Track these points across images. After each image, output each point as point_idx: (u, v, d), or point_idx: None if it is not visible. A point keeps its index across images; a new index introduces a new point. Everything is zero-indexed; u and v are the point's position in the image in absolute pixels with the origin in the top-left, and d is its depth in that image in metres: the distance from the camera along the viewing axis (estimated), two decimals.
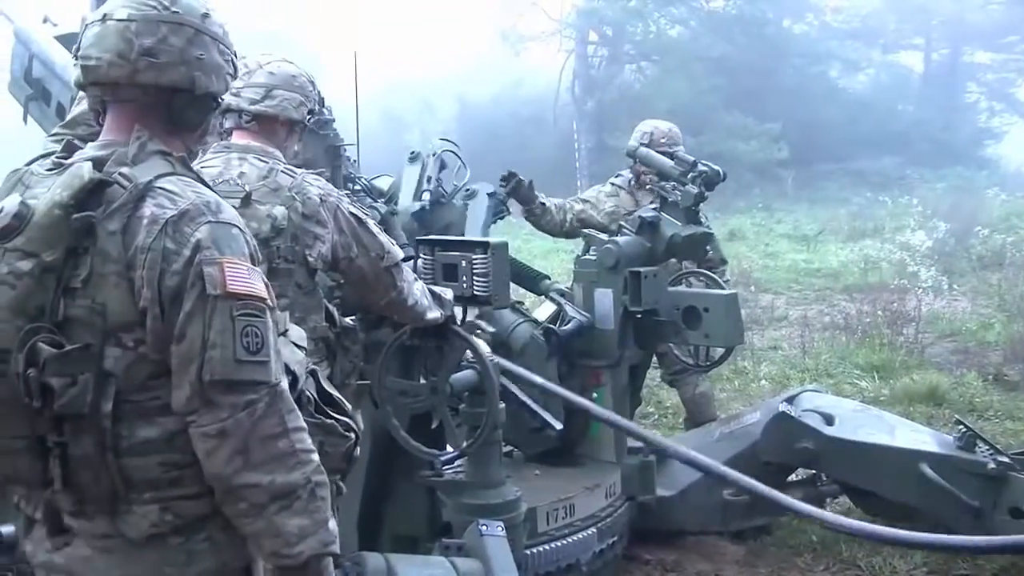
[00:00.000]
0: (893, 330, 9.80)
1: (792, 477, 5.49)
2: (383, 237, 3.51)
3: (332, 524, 2.09)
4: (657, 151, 5.79)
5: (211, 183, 3.34)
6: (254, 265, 2.10)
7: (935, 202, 19.68)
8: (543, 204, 6.05)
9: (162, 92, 2.16)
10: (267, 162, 3.41)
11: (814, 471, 5.34)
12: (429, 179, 5.14)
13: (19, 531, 2.62)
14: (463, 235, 5.00)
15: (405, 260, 3.66)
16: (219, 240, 2.03)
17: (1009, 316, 10.02)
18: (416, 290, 3.61)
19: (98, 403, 1.98)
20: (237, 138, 3.51)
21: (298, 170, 3.47)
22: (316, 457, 2.08)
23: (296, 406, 2.09)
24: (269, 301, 2.09)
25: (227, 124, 3.53)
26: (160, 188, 2.05)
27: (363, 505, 4.21)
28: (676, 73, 28.74)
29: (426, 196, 5.05)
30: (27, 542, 2.19)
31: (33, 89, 5.67)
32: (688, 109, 27.13)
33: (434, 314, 3.72)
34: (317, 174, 3.56)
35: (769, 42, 30.81)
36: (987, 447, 4.97)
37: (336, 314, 3.51)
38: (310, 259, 3.32)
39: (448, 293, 3.82)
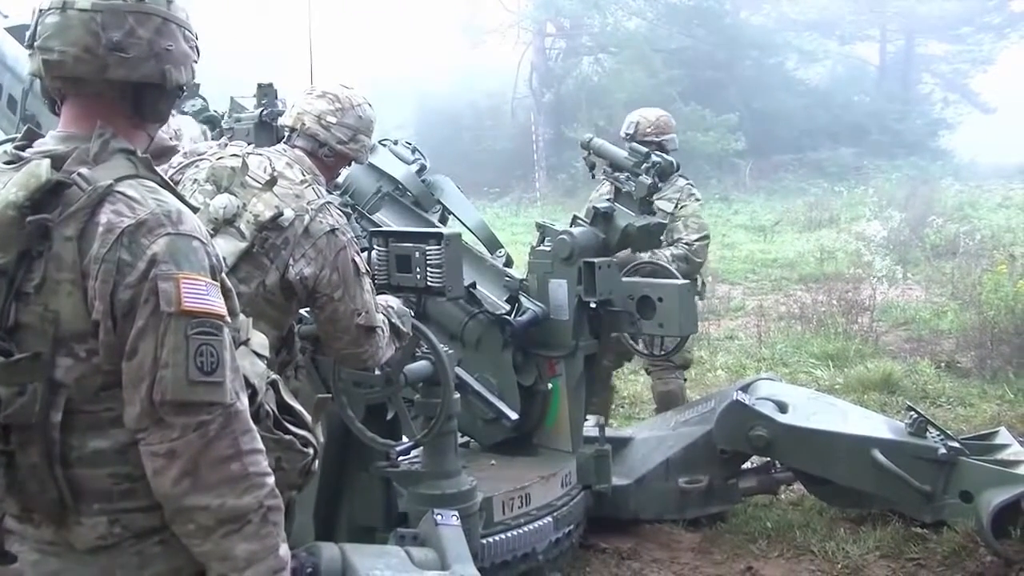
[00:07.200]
0: (848, 319, 9.88)
1: (747, 464, 5.52)
2: (370, 298, 3.44)
3: (283, 550, 2.02)
4: (642, 141, 5.88)
5: (243, 158, 3.34)
6: (214, 279, 2.00)
7: (890, 192, 19.95)
8: None
9: (131, 87, 2.06)
10: (307, 178, 3.43)
11: (768, 458, 5.38)
12: None
13: None
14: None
15: (363, 250, 3.63)
16: (177, 254, 1.93)
17: (961, 304, 10.10)
18: (380, 346, 3.50)
19: (47, 413, 1.91)
20: (300, 153, 3.54)
21: (330, 196, 3.48)
22: (271, 480, 2.01)
23: (253, 426, 2.02)
24: (227, 317, 2.00)
25: (299, 143, 3.56)
26: (120, 193, 1.94)
27: (320, 496, 4.21)
28: (634, 65, 28.87)
29: None
30: None
31: None
32: (646, 101, 27.04)
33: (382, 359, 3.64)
34: (343, 210, 3.57)
35: (726, 33, 31.01)
36: (938, 433, 5.06)
37: (296, 344, 3.39)
38: (291, 269, 3.24)
39: (407, 324, 3.72)
